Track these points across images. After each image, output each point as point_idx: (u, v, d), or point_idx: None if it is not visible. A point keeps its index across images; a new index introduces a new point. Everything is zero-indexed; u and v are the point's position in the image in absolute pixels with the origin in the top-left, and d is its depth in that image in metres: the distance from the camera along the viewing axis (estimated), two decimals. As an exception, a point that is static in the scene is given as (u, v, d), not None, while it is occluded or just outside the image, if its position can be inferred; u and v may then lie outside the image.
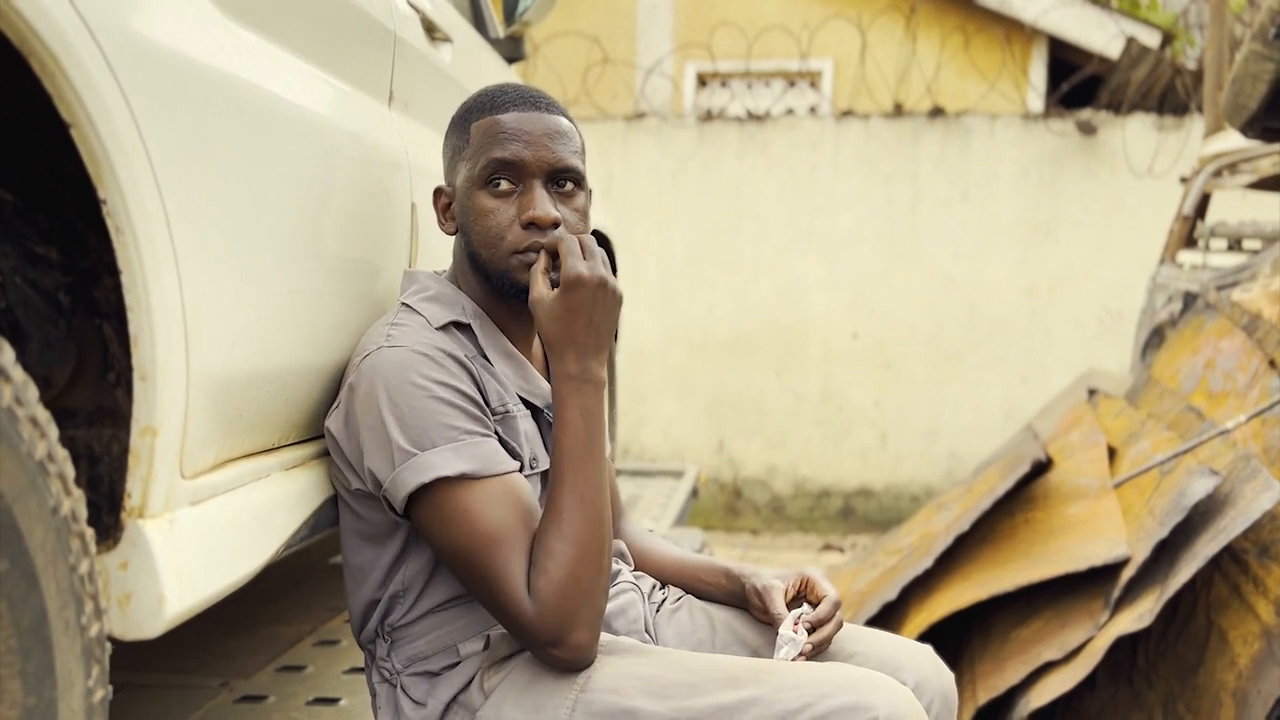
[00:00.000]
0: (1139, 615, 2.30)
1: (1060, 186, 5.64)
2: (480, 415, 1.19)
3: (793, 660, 1.27)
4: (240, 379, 1.06)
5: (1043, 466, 3.24)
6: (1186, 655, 2.33)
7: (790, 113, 5.93)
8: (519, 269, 1.25)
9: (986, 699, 2.48)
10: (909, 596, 3.04)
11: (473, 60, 1.95)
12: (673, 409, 5.93)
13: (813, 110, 6.00)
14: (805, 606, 1.37)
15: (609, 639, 1.26)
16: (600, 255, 1.19)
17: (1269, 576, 2.22)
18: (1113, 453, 3.17)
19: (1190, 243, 4.34)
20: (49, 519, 0.76)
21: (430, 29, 1.68)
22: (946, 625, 2.80)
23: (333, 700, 1.68)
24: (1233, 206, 4.83)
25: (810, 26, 5.95)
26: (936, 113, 5.71)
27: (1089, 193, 5.61)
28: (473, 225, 1.27)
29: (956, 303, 5.72)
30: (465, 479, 1.14)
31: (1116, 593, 2.42)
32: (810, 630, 1.32)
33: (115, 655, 0.87)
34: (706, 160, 5.85)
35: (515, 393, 1.28)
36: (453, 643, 1.23)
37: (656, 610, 1.43)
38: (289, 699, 1.69)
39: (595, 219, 2.53)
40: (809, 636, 1.31)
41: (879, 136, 5.75)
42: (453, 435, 1.15)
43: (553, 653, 1.14)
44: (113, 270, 0.90)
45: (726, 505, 5.93)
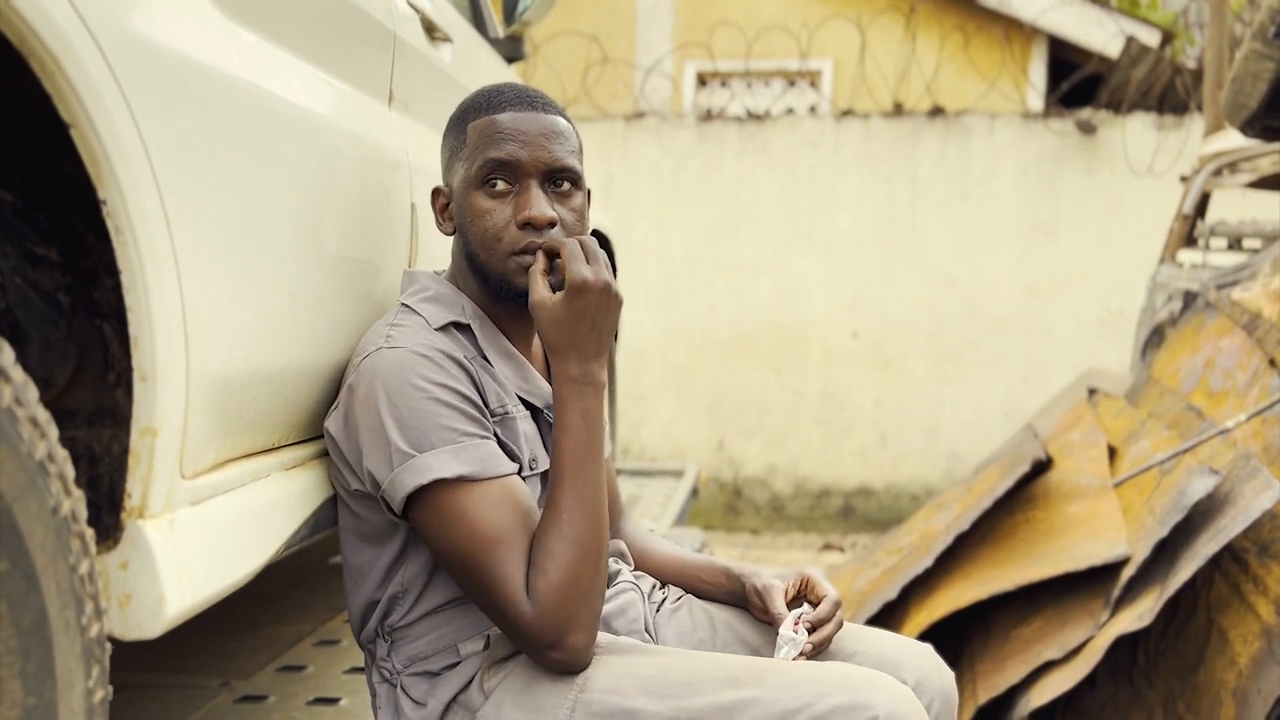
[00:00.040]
0: (1139, 614, 2.30)
1: (1060, 186, 5.64)
2: (479, 417, 1.19)
3: (793, 660, 1.27)
4: (240, 379, 1.06)
5: (1043, 466, 3.24)
6: (1187, 654, 2.33)
7: (790, 112, 5.93)
8: (517, 271, 1.24)
9: (987, 698, 2.48)
10: (909, 596, 3.04)
11: (472, 60, 1.95)
12: (673, 408, 5.93)
13: (812, 110, 6.00)
14: (805, 606, 1.37)
15: (609, 639, 1.26)
16: (603, 258, 1.19)
17: (1269, 575, 2.22)
18: (1113, 452, 3.17)
19: (1190, 242, 4.34)
20: (49, 519, 0.76)
21: (430, 29, 1.68)
22: (947, 624, 2.80)
23: (333, 700, 1.68)
24: (1233, 205, 4.83)
25: (810, 26, 5.95)
26: (936, 112, 5.71)
27: (1089, 192, 5.61)
28: (470, 226, 1.27)
29: (956, 302, 5.72)
30: (463, 481, 1.14)
31: (1117, 592, 2.42)
32: (810, 630, 1.32)
33: (115, 655, 0.87)
34: (706, 160, 5.85)
35: (515, 393, 1.28)
36: (453, 643, 1.23)
37: (656, 610, 1.43)
38: (289, 699, 1.69)
39: (595, 219, 2.53)
40: (809, 636, 1.31)
41: (879, 136, 5.75)
42: (451, 437, 1.15)
43: (550, 655, 1.14)
44: (113, 270, 0.90)
45: (726, 505, 5.93)
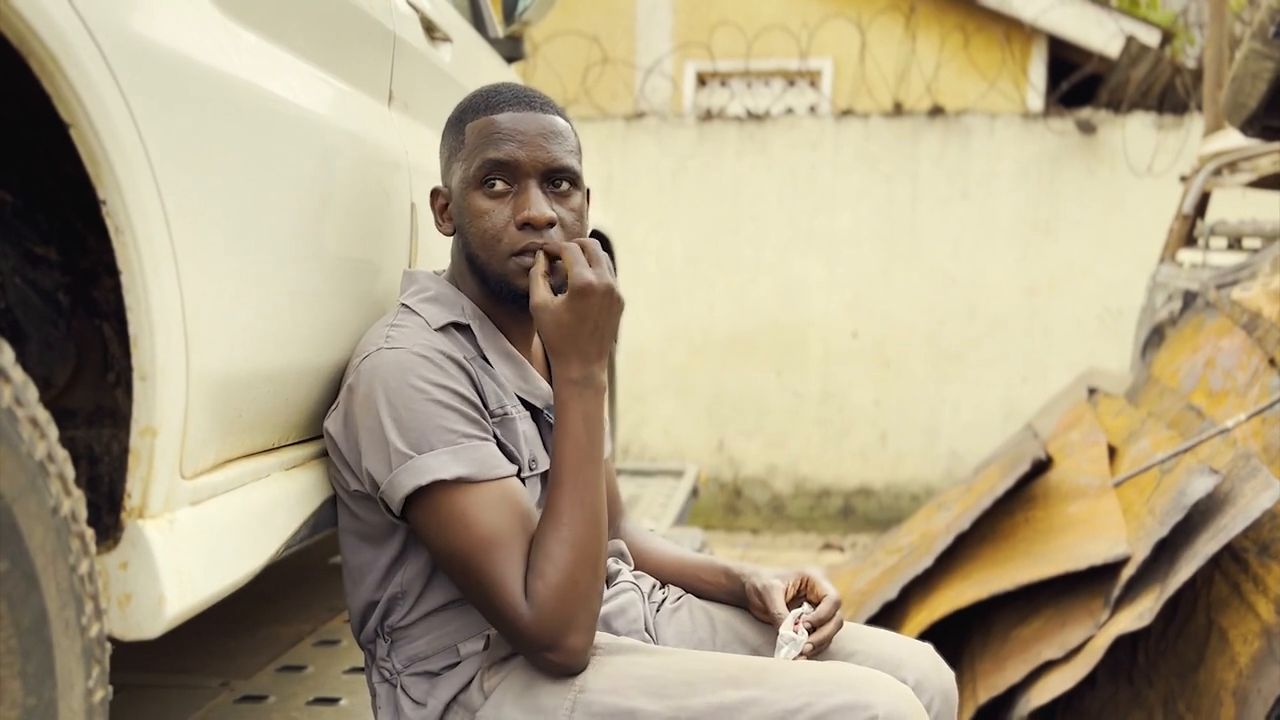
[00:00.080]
0: (1139, 614, 2.30)
1: (1060, 185, 5.64)
2: (478, 418, 1.19)
3: (793, 660, 1.27)
4: (240, 379, 1.06)
5: (1043, 465, 3.24)
6: (1187, 654, 2.33)
7: (790, 112, 5.93)
8: (517, 273, 1.24)
9: (987, 698, 2.48)
10: (909, 595, 3.04)
11: (472, 60, 1.95)
12: (673, 408, 5.93)
13: (812, 109, 6.00)
14: (805, 606, 1.37)
15: (609, 639, 1.26)
16: (605, 260, 1.19)
17: (1269, 575, 2.22)
18: (1113, 451, 3.17)
19: (1190, 241, 4.34)
20: (49, 519, 0.76)
21: (430, 29, 1.68)
22: (947, 624, 2.80)
23: (333, 700, 1.68)
24: (1232, 205, 4.83)
25: (810, 26, 5.95)
26: (936, 112, 5.71)
27: (1089, 191, 5.61)
28: (469, 226, 1.27)
29: (956, 302, 5.72)
30: (462, 482, 1.14)
31: (1117, 591, 2.42)
32: (811, 630, 1.32)
33: (115, 655, 0.87)
34: (706, 160, 5.84)
35: (514, 393, 1.28)
36: (453, 643, 1.23)
37: (656, 610, 1.43)
38: (289, 699, 1.69)
39: (595, 219, 2.53)
40: (809, 636, 1.31)
41: (879, 136, 5.75)
42: (450, 438, 1.15)
43: (548, 657, 1.14)
44: (112, 270, 0.90)
45: (727, 505, 5.93)
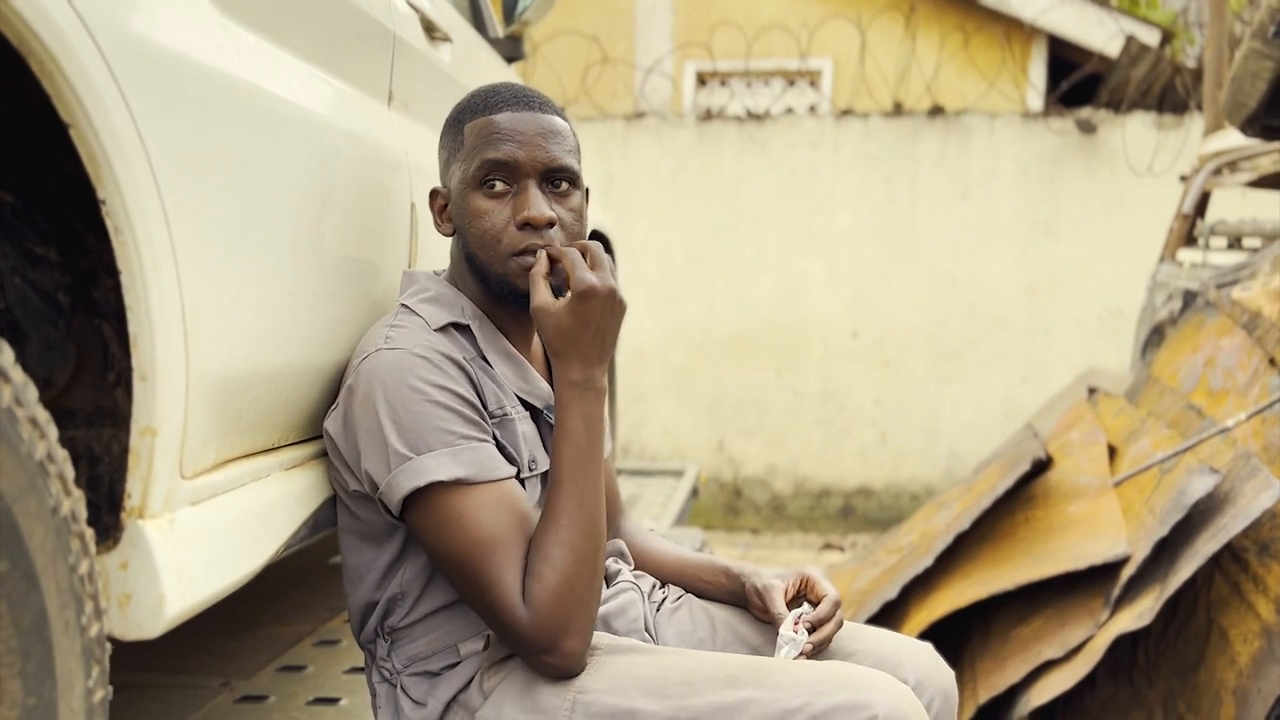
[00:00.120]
0: (1139, 614, 2.30)
1: (1060, 185, 5.64)
2: (478, 420, 1.19)
3: (793, 660, 1.27)
4: (240, 379, 1.06)
5: (1043, 465, 3.24)
6: (1187, 653, 2.33)
7: (790, 112, 5.93)
8: (518, 274, 1.24)
9: (987, 697, 2.48)
10: (909, 595, 3.04)
11: (472, 60, 1.95)
12: (673, 408, 5.93)
13: (812, 109, 6.00)
14: (805, 606, 1.37)
15: (608, 639, 1.26)
16: (608, 263, 1.19)
17: (1269, 575, 2.22)
18: (1113, 451, 3.17)
19: (1190, 241, 4.34)
20: (49, 519, 0.76)
21: (429, 28, 1.68)
22: (947, 624, 2.80)
23: (333, 700, 1.68)
24: (1232, 204, 4.83)
25: (810, 26, 5.95)
26: (936, 111, 5.71)
27: (1089, 191, 5.61)
28: (469, 227, 1.27)
29: (956, 301, 5.72)
30: (461, 484, 1.14)
31: (1117, 591, 2.42)
32: (811, 629, 1.32)
33: (115, 655, 0.87)
34: (706, 159, 5.84)
35: (514, 394, 1.28)
36: (453, 643, 1.23)
37: (656, 609, 1.43)
38: (289, 699, 1.69)
39: (595, 218, 2.53)
40: (809, 636, 1.31)
41: (878, 135, 5.75)
42: (449, 440, 1.15)
43: (545, 659, 1.14)
44: (112, 270, 0.90)
45: (727, 504, 5.93)
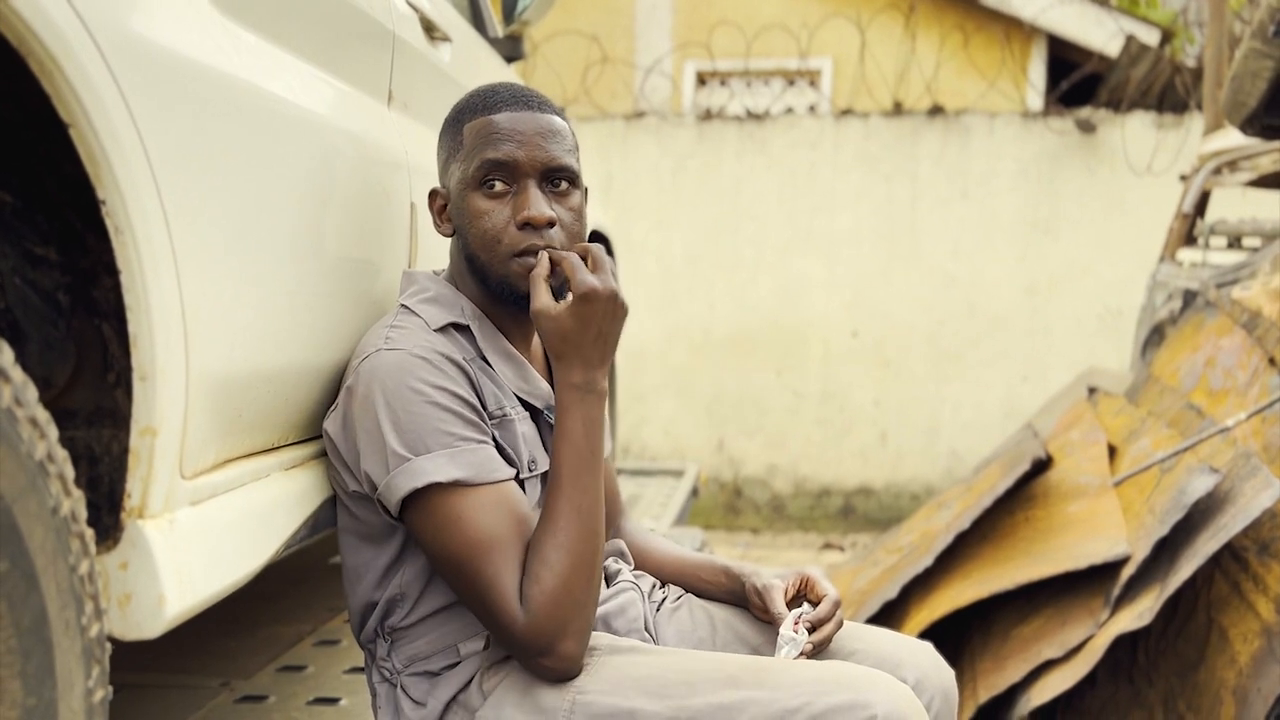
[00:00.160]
0: (1139, 613, 2.30)
1: (1060, 185, 5.64)
2: (477, 421, 1.19)
3: (794, 660, 1.27)
4: (240, 379, 1.06)
5: (1043, 464, 3.24)
6: (1187, 653, 2.33)
7: (789, 111, 5.93)
8: (518, 274, 1.24)
9: (987, 697, 2.48)
10: (909, 595, 3.04)
11: (472, 59, 1.95)
12: (673, 408, 5.93)
13: (812, 109, 6.00)
14: (805, 605, 1.37)
15: (608, 639, 1.26)
16: (609, 265, 1.18)
17: (1269, 574, 2.22)
18: (1113, 450, 3.17)
19: (1190, 240, 4.34)
20: (49, 519, 0.76)
21: (429, 28, 1.68)
22: (947, 623, 2.80)
23: (333, 700, 1.68)
24: (1232, 204, 4.83)
25: (809, 25, 5.94)
26: (936, 111, 5.71)
27: (1088, 191, 5.61)
28: (469, 227, 1.27)
29: (956, 301, 5.72)
30: (459, 486, 1.14)
31: (1117, 591, 2.42)
32: (811, 629, 1.32)
33: (115, 655, 0.87)
34: (706, 159, 5.84)
35: (514, 394, 1.28)
36: (453, 643, 1.23)
37: (656, 609, 1.43)
38: (289, 699, 1.69)
39: (594, 218, 2.54)
40: (809, 635, 1.31)
41: (878, 135, 5.75)
42: (448, 441, 1.15)
43: (542, 662, 1.14)
44: (112, 270, 0.90)
45: (727, 504, 5.93)
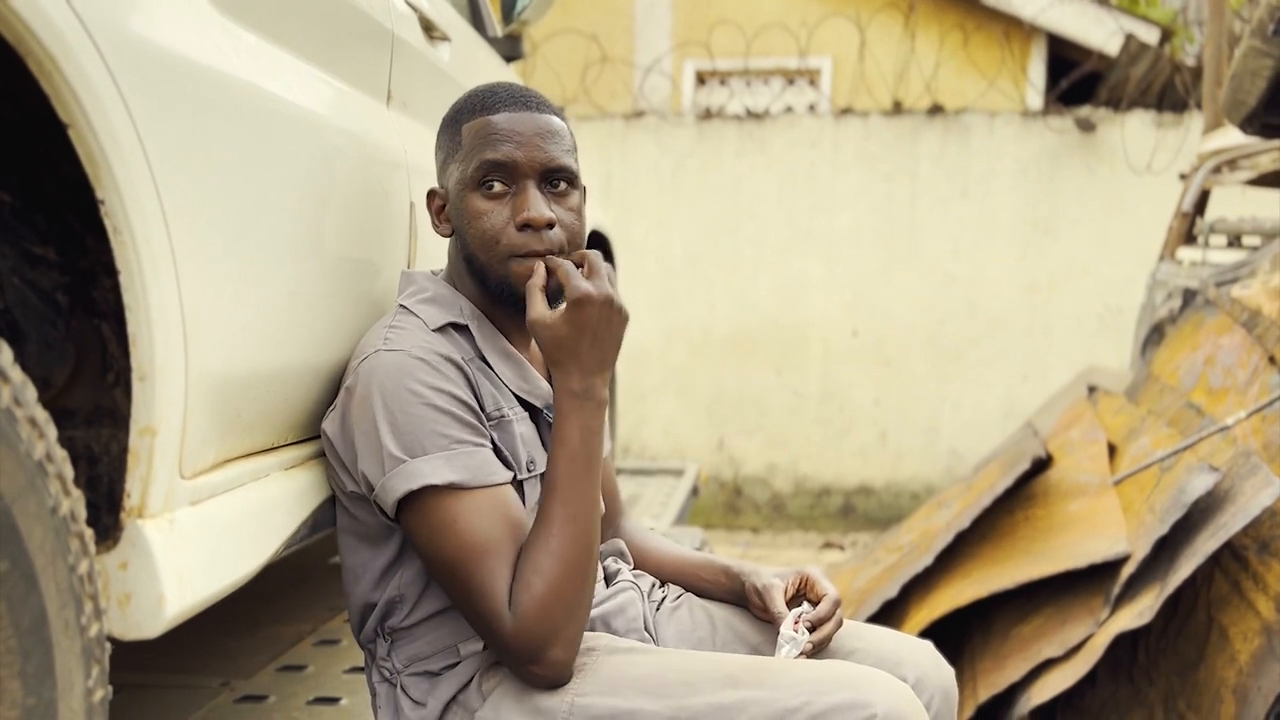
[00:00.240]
0: (1139, 612, 2.30)
1: (1059, 184, 5.64)
2: (475, 423, 1.18)
3: (794, 659, 1.27)
4: (239, 379, 1.06)
5: (1043, 463, 3.24)
6: (1187, 652, 2.33)
7: (789, 111, 5.93)
8: (517, 275, 1.24)
9: (987, 696, 2.48)
10: (909, 594, 3.04)
11: (471, 59, 1.95)
12: (673, 407, 5.93)
13: (812, 108, 6.00)
14: (805, 605, 1.37)
15: (607, 639, 1.26)
16: (607, 271, 1.18)
17: (1269, 573, 2.22)
18: (1113, 449, 3.17)
19: (1190, 239, 4.34)
20: (48, 519, 0.76)
21: (428, 28, 1.68)
22: (947, 622, 2.80)
23: (333, 700, 1.68)
24: (1232, 203, 4.83)
25: (809, 24, 5.94)
26: (935, 110, 5.70)
27: (1088, 190, 5.61)
28: (467, 228, 1.27)
29: (956, 300, 5.72)
30: (454, 488, 1.14)
31: (1117, 590, 2.42)
32: (811, 629, 1.32)
33: (115, 655, 0.87)
34: (705, 159, 5.84)
35: (513, 394, 1.27)
36: (452, 643, 1.23)
37: (656, 609, 1.43)
38: (289, 699, 1.69)
39: (594, 218, 2.54)
40: (809, 635, 1.31)
41: (878, 134, 5.75)
42: (444, 444, 1.14)
43: (530, 669, 1.13)
44: (111, 271, 0.90)
45: (727, 503, 5.93)
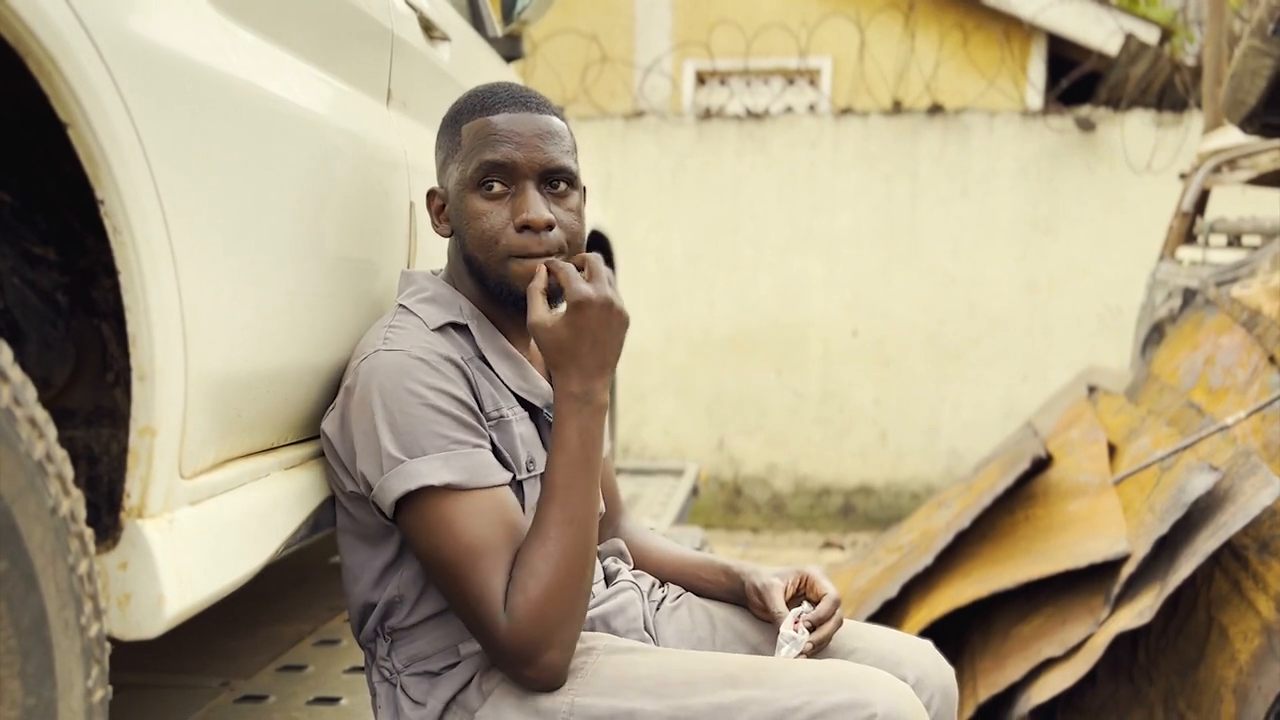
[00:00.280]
0: (1139, 612, 2.30)
1: (1059, 183, 5.64)
2: (474, 424, 1.18)
3: (794, 659, 1.27)
4: (239, 379, 1.06)
5: (1043, 463, 3.24)
6: (1187, 651, 2.33)
7: (789, 111, 5.93)
8: (517, 276, 1.24)
9: (987, 696, 2.48)
10: (909, 594, 3.04)
11: (471, 59, 1.95)
12: (673, 407, 5.93)
13: (812, 108, 6.00)
14: (805, 604, 1.37)
15: (607, 639, 1.26)
16: (606, 275, 1.18)
17: (1269, 572, 2.22)
18: (1113, 449, 3.17)
19: (1190, 239, 4.34)
20: (48, 519, 0.76)
21: (428, 28, 1.68)
22: (947, 622, 2.80)
23: (333, 700, 1.68)
24: (1232, 202, 4.83)
25: (809, 24, 5.94)
26: (935, 110, 5.70)
27: (1088, 189, 5.61)
28: (467, 228, 1.27)
29: (956, 300, 5.72)
30: (451, 489, 1.13)
31: (1117, 589, 2.42)
32: (811, 628, 1.32)
33: (115, 655, 0.87)
34: (705, 159, 5.84)
35: (513, 393, 1.27)
36: (452, 643, 1.23)
37: (656, 608, 1.42)
38: (289, 698, 1.69)
39: (594, 218, 2.54)
40: (809, 634, 1.31)
41: (878, 134, 5.75)
42: (443, 444, 1.14)
43: (524, 672, 1.13)
44: (111, 270, 0.90)
45: (727, 503, 5.93)
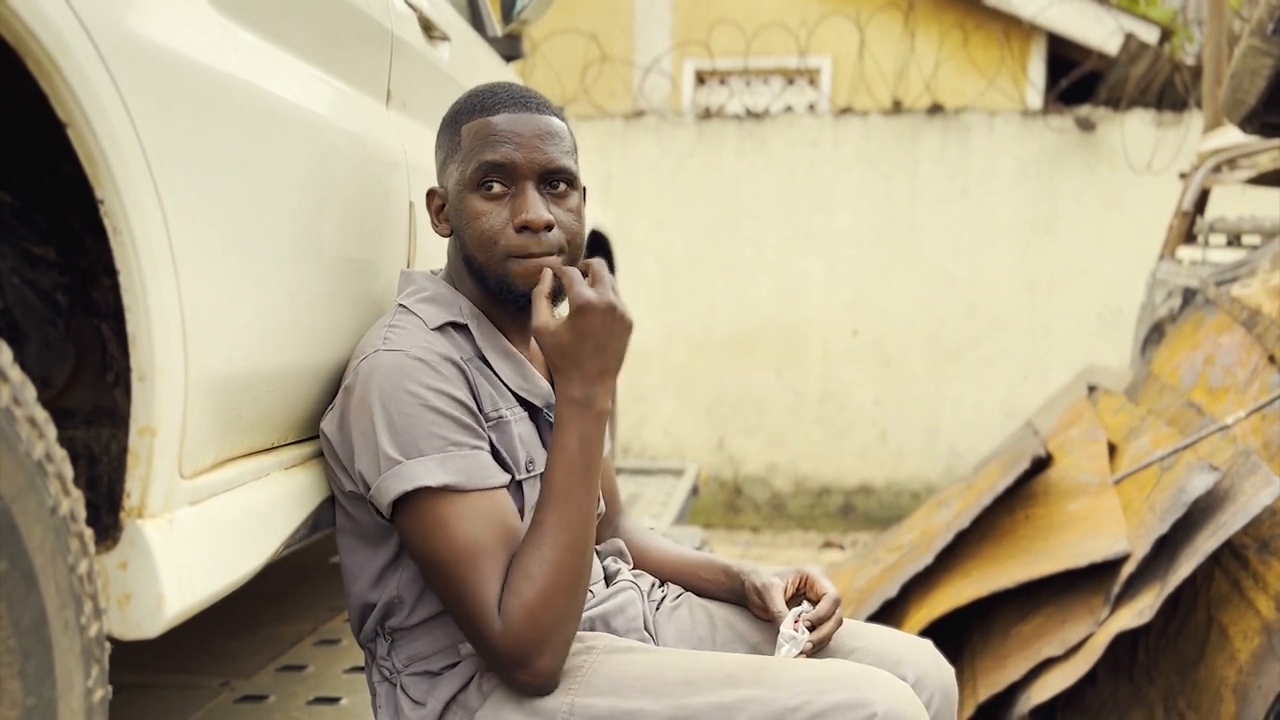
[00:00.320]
0: (1139, 611, 2.30)
1: (1059, 183, 5.64)
2: (472, 425, 1.18)
3: (794, 658, 1.27)
4: (239, 379, 1.06)
5: (1043, 463, 3.24)
6: (1187, 651, 2.33)
7: (789, 110, 5.93)
8: (516, 276, 1.24)
9: (987, 695, 2.48)
10: (909, 593, 3.04)
11: (471, 59, 1.95)
12: (673, 407, 5.93)
13: (811, 108, 6.00)
14: (805, 604, 1.37)
15: (607, 639, 1.25)
16: (609, 280, 1.18)
17: (1269, 572, 2.22)
18: (1113, 449, 3.17)
19: (1189, 238, 4.34)
20: (48, 519, 0.76)
21: (428, 27, 1.68)
22: (947, 622, 2.80)
23: (333, 699, 1.68)
24: (1232, 202, 4.83)
25: (809, 24, 5.94)
26: (935, 110, 5.70)
27: (1088, 189, 5.61)
28: (466, 228, 1.27)
29: (956, 300, 5.72)
30: (448, 491, 1.13)
31: (1117, 589, 2.42)
32: (811, 628, 1.32)
33: (115, 655, 0.87)
34: (705, 158, 5.84)
35: (513, 393, 1.27)
36: (453, 643, 1.23)
37: (656, 608, 1.43)
38: (290, 698, 1.69)
39: (594, 218, 2.54)
40: (809, 634, 1.31)
41: (878, 134, 5.75)
42: (440, 445, 1.14)
43: (516, 676, 1.13)
44: (111, 270, 0.90)
45: (727, 503, 5.93)
